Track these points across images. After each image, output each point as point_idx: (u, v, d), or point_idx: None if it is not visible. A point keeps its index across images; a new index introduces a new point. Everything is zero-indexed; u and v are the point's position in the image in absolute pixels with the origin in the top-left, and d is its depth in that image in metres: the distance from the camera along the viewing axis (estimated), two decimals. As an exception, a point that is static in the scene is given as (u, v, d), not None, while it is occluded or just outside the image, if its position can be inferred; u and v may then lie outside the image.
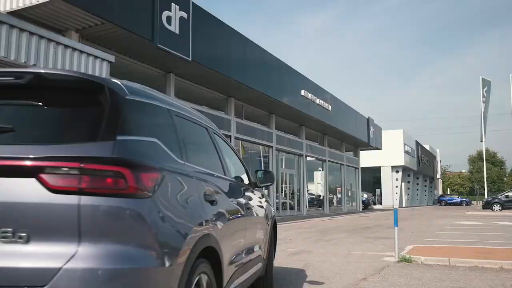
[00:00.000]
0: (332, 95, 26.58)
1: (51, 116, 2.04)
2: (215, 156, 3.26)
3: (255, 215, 3.86)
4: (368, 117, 33.95)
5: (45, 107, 2.04)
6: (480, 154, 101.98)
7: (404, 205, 50.21)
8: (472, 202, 66.47)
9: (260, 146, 21.91)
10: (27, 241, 1.69)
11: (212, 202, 2.66)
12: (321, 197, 29.85)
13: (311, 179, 30.21)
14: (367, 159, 42.95)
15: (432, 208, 44.17)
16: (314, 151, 27.75)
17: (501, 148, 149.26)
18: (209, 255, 2.44)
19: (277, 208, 22.59)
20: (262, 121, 21.99)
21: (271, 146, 22.09)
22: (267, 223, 4.37)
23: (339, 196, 33.38)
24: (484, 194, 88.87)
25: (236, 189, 3.43)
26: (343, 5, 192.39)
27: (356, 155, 37.05)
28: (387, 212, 34.10)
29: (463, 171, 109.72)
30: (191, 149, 2.70)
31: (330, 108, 25.63)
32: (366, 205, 40.34)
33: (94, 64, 10.16)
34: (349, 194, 35.38)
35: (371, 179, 54.73)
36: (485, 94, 46.15)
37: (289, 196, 24.93)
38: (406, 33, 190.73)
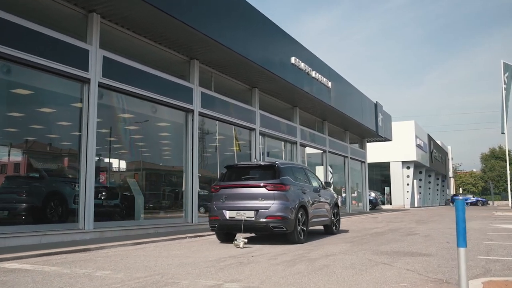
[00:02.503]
0: (332, 70, 21.73)
1: (265, 173, 9.73)
2: (305, 178, 10.85)
3: (323, 198, 11.13)
4: (376, 101, 29.10)
5: (263, 170, 9.91)
6: (493, 152, 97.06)
7: (416, 205, 45.26)
8: (489, 202, 61.56)
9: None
10: (263, 200, 9.17)
11: (304, 192, 10.08)
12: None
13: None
14: (374, 154, 38.12)
15: (448, 209, 39.17)
16: (311, 139, 22.85)
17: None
18: (304, 208, 9.80)
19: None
20: (242, 96, 17.24)
21: (254, 129, 17.28)
22: (329, 203, 11.52)
23: (344, 195, 28.46)
24: (499, 194, 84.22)
25: (314, 189, 10.85)
26: (347, 4, 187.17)
27: (363, 147, 32.06)
28: (399, 212, 29.29)
29: (475, 170, 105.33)
30: (297, 177, 10.32)
31: (329, 84, 20.79)
32: (374, 205, 35.77)
33: None
34: (355, 194, 30.51)
35: (379, 176, 49.83)
36: (506, 80, 41.04)
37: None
38: (411, 33, 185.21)
